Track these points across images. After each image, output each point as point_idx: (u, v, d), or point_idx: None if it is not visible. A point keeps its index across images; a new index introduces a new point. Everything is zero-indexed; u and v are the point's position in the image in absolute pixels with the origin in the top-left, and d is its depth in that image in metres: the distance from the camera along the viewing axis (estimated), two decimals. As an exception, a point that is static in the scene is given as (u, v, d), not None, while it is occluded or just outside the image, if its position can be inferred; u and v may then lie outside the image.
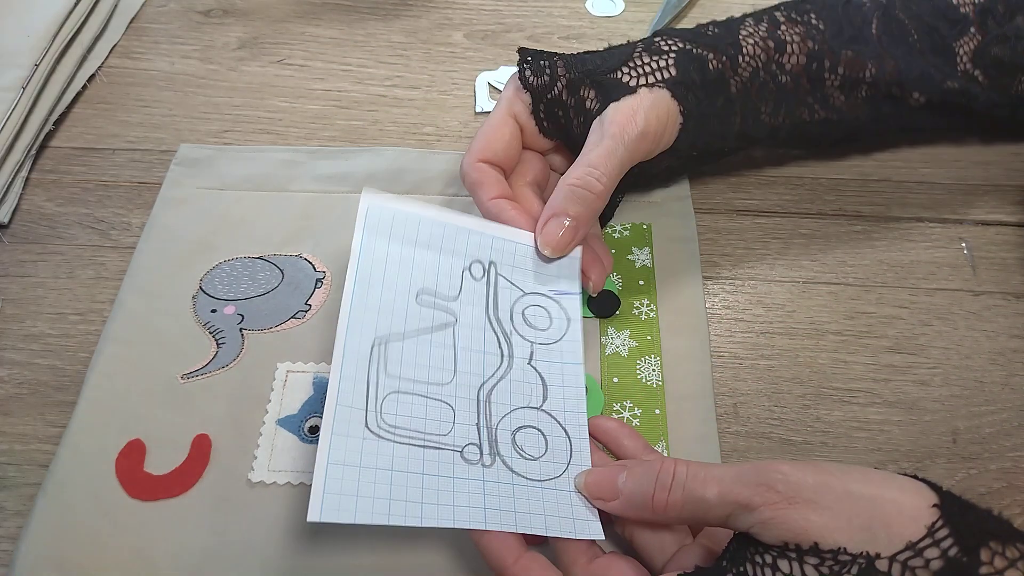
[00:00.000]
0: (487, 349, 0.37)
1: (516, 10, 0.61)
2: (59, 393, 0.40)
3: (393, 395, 0.34)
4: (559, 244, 0.38)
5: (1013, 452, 0.38)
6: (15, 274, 0.45)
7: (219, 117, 0.53)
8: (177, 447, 0.37)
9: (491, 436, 0.35)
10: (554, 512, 0.33)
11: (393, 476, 0.32)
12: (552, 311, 0.39)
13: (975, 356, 0.42)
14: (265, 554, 0.35)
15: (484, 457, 0.34)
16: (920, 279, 0.45)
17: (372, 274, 0.36)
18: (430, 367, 0.35)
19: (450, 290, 0.38)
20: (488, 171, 0.40)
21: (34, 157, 0.50)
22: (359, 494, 0.30)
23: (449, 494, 0.32)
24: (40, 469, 0.37)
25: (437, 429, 0.34)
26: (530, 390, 0.37)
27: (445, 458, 0.33)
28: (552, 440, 0.36)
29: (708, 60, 0.41)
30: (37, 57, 0.52)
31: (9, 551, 0.35)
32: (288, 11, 0.61)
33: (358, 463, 0.31)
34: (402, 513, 0.31)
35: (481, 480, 0.33)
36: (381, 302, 0.36)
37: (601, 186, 0.37)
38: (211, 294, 0.43)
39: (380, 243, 0.37)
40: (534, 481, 0.34)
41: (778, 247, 0.46)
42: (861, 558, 0.25)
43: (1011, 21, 0.45)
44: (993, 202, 0.48)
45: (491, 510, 0.32)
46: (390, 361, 0.35)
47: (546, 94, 0.41)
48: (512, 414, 0.36)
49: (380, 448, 0.32)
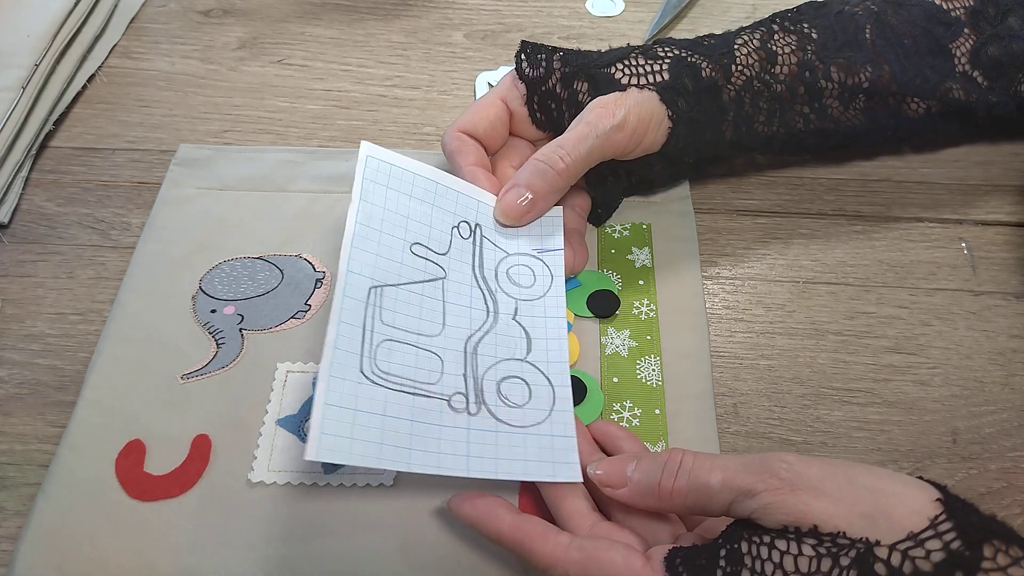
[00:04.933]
0: (473, 305, 0.39)
1: (516, 10, 0.61)
2: (59, 393, 0.40)
3: (387, 343, 0.35)
4: (512, 212, 0.40)
5: (1013, 452, 0.38)
6: (15, 274, 0.45)
7: (219, 117, 0.53)
8: (177, 447, 0.37)
9: (477, 386, 0.36)
10: (535, 457, 0.34)
11: (385, 421, 0.33)
12: (536, 269, 0.41)
13: (975, 356, 0.42)
14: (265, 554, 0.35)
15: (470, 406, 0.35)
16: (920, 279, 0.45)
17: (372, 219, 0.38)
18: (421, 318, 0.37)
19: (440, 245, 0.40)
20: (468, 140, 0.42)
21: (34, 157, 0.50)
22: (353, 437, 0.32)
23: (436, 441, 0.33)
24: (40, 469, 0.37)
25: (427, 378, 0.35)
26: (515, 343, 0.38)
27: (433, 406, 0.35)
28: (535, 389, 0.37)
29: (702, 68, 0.41)
30: (37, 57, 0.52)
31: (9, 551, 0.35)
32: (288, 11, 0.61)
33: (353, 406, 0.32)
34: (391, 458, 0.32)
35: (466, 428, 0.35)
36: (379, 248, 0.37)
37: (563, 165, 0.39)
38: (211, 294, 0.43)
39: (379, 190, 0.39)
40: (517, 428, 0.35)
41: (778, 247, 0.46)
42: (860, 543, 0.25)
43: (1003, 22, 0.45)
44: (993, 202, 0.48)
45: (474, 458, 0.34)
46: (384, 309, 0.36)
47: (541, 86, 0.42)
48: (497, 365, 0.37)
49: (373, 393, 0.33)
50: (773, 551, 0.27)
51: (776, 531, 0.27)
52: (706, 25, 0.60)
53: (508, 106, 0.43)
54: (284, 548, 0.35)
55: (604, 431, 0.37)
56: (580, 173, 0.40)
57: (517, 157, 0.44)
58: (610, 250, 0.45)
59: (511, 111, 0.43)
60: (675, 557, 0.29)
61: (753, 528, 0.28)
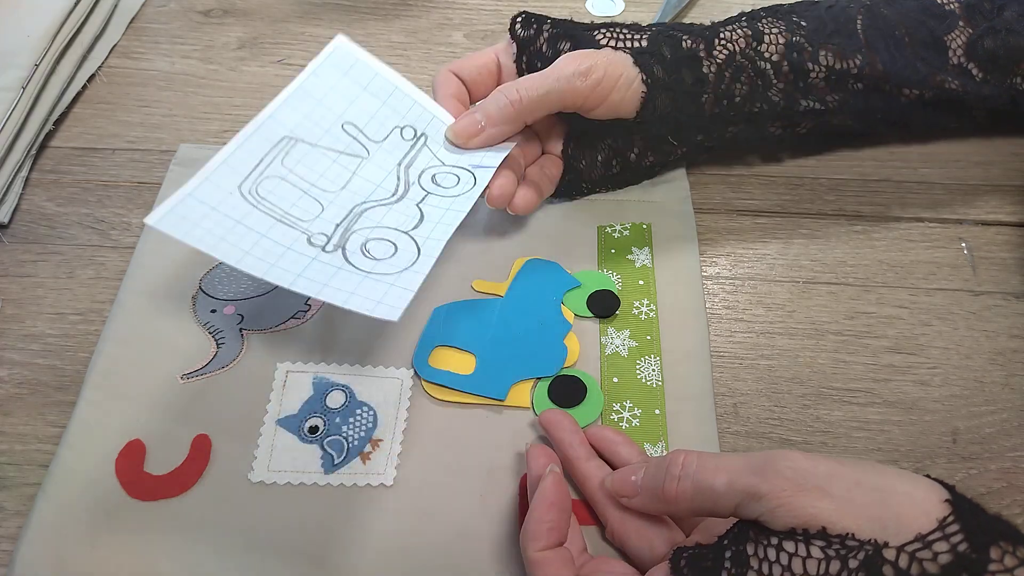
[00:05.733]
0: (383, 185, 0.41)
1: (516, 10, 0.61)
2: (59, 393, 0.40)
3: (277, 179, 0.38)
4: (462, 132, 0.42)
5: (1013, 452, 0.38)
6: (15, 274, 0.45)
7: (219, 117, 0.53)
8: (177, 447, 0.37)
9: (344, 235, 0.37)
10: (364, 293, 0.35)
11: (236, 227, 0.35)
12: (463, 177, 0.42)
13: (975, 356, 0.42)
14: (265, 554, 0.35)
15: (328, 245, 0.37)
16: (920, 279, 0.45)
17: (315, 90, 0.41)
18: (323, 175, 0.39)
19: (376, 135, 0.42)
20: (452, 77, 0.45)
21: (34, 157, 0.50)
22: (199, 224, 0.34)
23: (276, 257, 0.35)
24: (40, 469, 0.37)
25: (300, 214, 0.37)
26: (405, 220, 0.39)
27: (291, 234, 0.36)
28: (401, 252, 0.38)
29: (681, 39, 0.43)
30: (37, 57, 0.52)
31: (9, 551, 0.35)
32: (288, 11, 0.61)
33: (214, 206, 0.35)
34: (225, 252, 0.34)
35: (312, 259, 0.36)
36: (311, 113, 0.40)
37: (517, 96, 0.41)
38: (211, 294, 0.43)
39: (334, 74, 0.42)
40: (362, 272, 0.36)
41: (778, 247, 0.46)
42: (869, 545, 0.25)
43: (999, 15, 0.45)
44: (993, 202, 0.48)
45: (303, 278, 0.34)
46: (290, 156, 0.39)
47: (530, 46, 0.44)
48: (375, 228, 0.38)
49: (239, 206, 0.36)
50: (781, 553, 0.26)
51: (783, 533, 0.27)
52: (706, 25, 0.60)
53: (499, 59, 0.45)
54: (284, 548, 0.35)
55: (601, 436, 0.36)
56: (536, 112, 0.41)
57: None
58: (610, 250, 0.45)
59: (501, 64, 0.45)
60: (679, 558, 0.29)
61: (760, 529, 0.27)
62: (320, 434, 0.38)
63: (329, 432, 0.38)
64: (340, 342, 0.41)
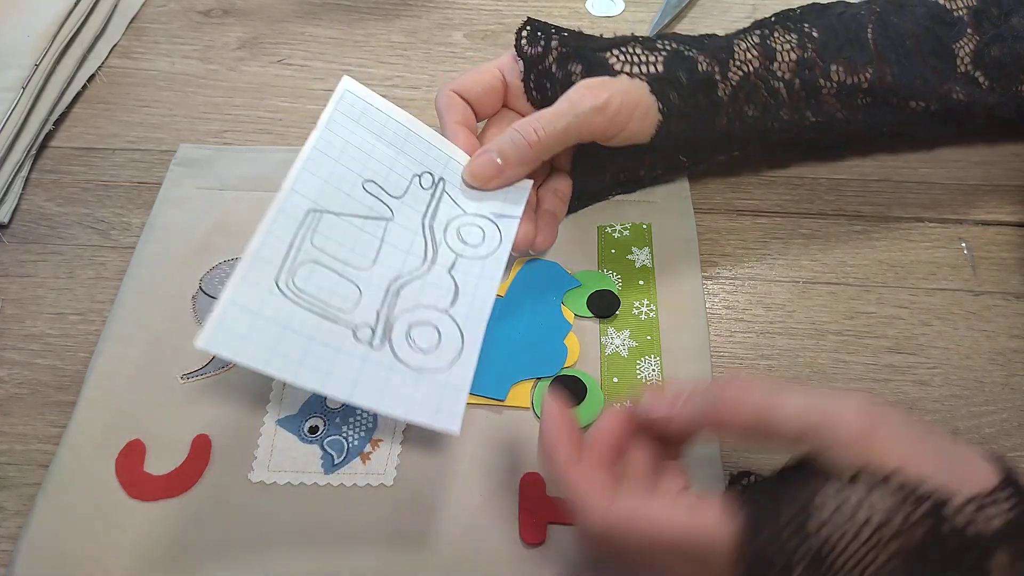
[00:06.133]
0: (412, 251, 0.39)
1: (516, 10, 0.61)
2: (59, 393, 0.40)
3: (310, 264, 0.35)
4: (480, 174, 0.41)
5: (1013, 452, 0.38)
6: (15, 274, 0.45)
7: (219, 117, 0.53)
8: (177, 447, 0.37)
9: (388, 324, 0.36)
10: (421, 400, 0.34)
11: (284, 333, 0.33)
12: (487, 231, 0.41)
13: (975, 356, 0.42)
14: (265, 554, 0.35)
15: (375, 340, 0.35)
16: (920, 279, 0.45)
17: (331, 147, 0.39)
18: (353, 250, 0.37)
19: (396, 189, 0.40)
20: (457, 100, 0.43)
21: (34, 157, 0.50)
22: (247, 338, 0.32)
23: (328, 363, 0.33)
24: (40, 469, 0.37)
25: (340, 304, 0.35)
26: (441, 294, 0.38)
27: (337, 331, 0.34)
28: (446, 339, 0.36)
29: (698, 62, 0.42)
30: (37, 57, 0.52)
31: (9, 551, 0.35)
32: (288, 11, 0.61)
33: (256, 311, 0.32)
34: (279, 366, 0.32)
35: (363, 359, 0.34)
36: (330, 175, 0.38)
37: (536, 137, 0.39)
38: (211, 294, 0.43)
39: (347, 124, 0.40)
40: (413, 369, 0.35)
41: (778, 247, 0.46)
42: (938, 493, 0.25)
43: (1006, 22, 0.45)
44: (993, 202, 0.48)
45: (360, 387, 0.33)
46: (318, 233, 0.36)
47: (538, 64, 0.43)
48: (415, 310, 0.37)
49: (281, 304, 0.33)
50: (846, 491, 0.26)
51: (850, 471, 0.26)
52: (706, 25, 0.60)
53: (504, 77, 0.44)
54: (284, 548, 0.35)
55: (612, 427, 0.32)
56: (554, 149, 0.40)
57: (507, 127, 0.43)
58: (610, 250, 0.45)
59: (507, 82, 0.44)
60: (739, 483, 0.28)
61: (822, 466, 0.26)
62: (320, 434, 0.38)
63: (329, 432, 0.38)
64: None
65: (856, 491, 0.26)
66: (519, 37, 0.43)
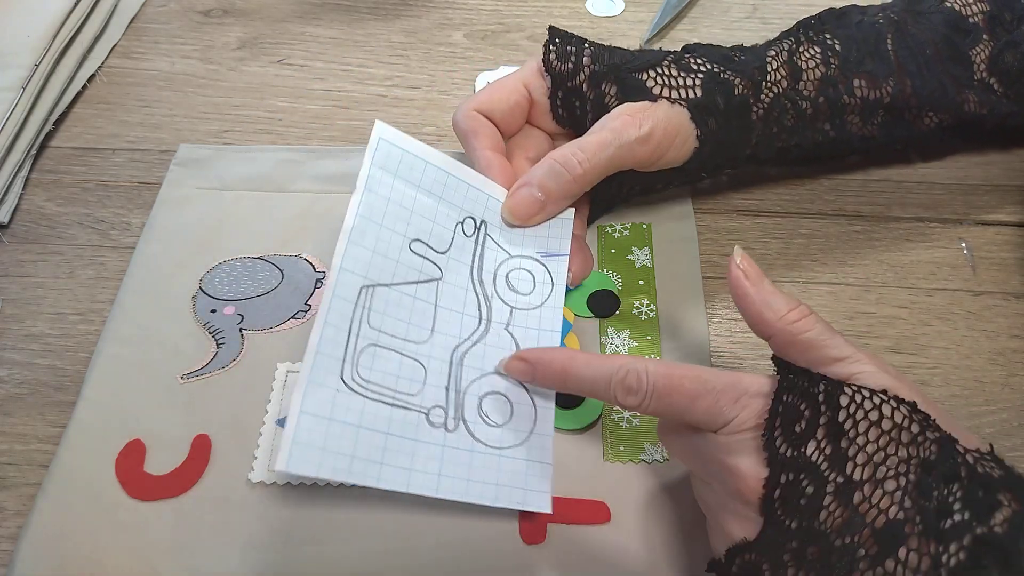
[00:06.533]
0: (466, 311, 0.37)
1: (516, 10, 0.61)
2: (59, 393, 0.40)
3: (371, 348, 0.34)
4: (521, 212, 0.39)
5: (1013, 452, 0.38)
6: (15, 274, 0.45)
7: (219, 117, 0.53)
8: (177, 447, 0.37)
9: (458, 400, 0.35)
10: (507, 482, 0.34)
11: (359, 433, 0.32)
12: (537, 275, 0.39)
13: (975, 356, 0.42)
14: (265, 554, 0.35)
15: (448, 421, 0.34)
16: (920, 279, 0.45)
17: (373, 212, 0.36)
18: (410, 323, 0.35)
19: (441, 243, 0.38)
20: (483, 122, 0.40)
21: (34, 157, 0.50)
22: (326, 447, 0.30)
23: (408, 457, 0.32)
24: (40, 469, 0.37)
25: (407, 388, 0.34)
26: (503, 356, 0.37)
27: (411, 419, 0.33)
28: (517, 408, 0.36)
29: (734, 86, 0.40)
30: (37, 57, 0.52)
31: (9, 551, 0.35)
32: (288, 11, 0.61)
33: (328, 415, 0.31)
34: (361, 472, 0.31)
35: (442, 446, 0.33)
36: (377, 243, 0.35)
37: (581, 170, 0.37)
38: (211, 294, 0.43)
39: (386, 180, 0.37)
40: (493, 448, 0.34)
41: (778, 247, 0.46)
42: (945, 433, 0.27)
43: (1019, 27, 0.45)
44: (993, 202, 0.48)
45: (445, 477, 0.33)
46: (373, 311, 0.34)
47: (567, 82, 0.41)
48: (482, 379, 0.36)
49: (351, 402, 0.32)
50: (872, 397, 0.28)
51: (876, 390, 0.28)
52: (706, 25, 0.60)
53: (531, 94, 0.41)
54: (284, 548, 0.35)
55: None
56: (596, 180, 0.39)
57: (534, 149, 0.42)
58: (610, 250, 0.45)
59: (532, 99, 0.42)
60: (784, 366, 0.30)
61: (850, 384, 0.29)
62: (320, 434, 0.38)
63: (329, 432, 0.38)
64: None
65: (881, 395, 0.28)
66: (547, 51, 0.41)
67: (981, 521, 0.25)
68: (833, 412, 0.28)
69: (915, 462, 0.27)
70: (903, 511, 0.26)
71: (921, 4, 0.46)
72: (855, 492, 0.27)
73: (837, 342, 0.30)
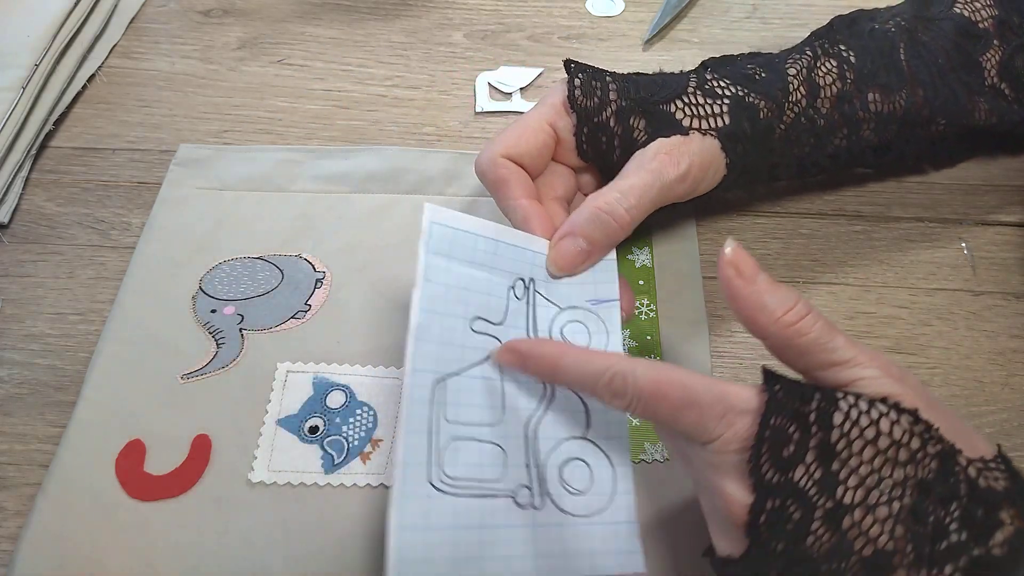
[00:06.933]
0: (531, 380, 0.36)
1: (516, 10, 0.61)
2: (59, 393, 0.40)
3: (453, 444, 0.32)
4: (567, 264, 0.37)
5: (1013, 452, 0.37)
6: (15, 274, 0.45)
7: (219, 117, 0.53)
8: (177, 447, 0.37)
9: (540, 474, 0.34)
10: (600, 549, 0.33)
11: (456, 534, 0.31)
12: (591, 325, 0.38)
13: (975, 356, 0.42)
14: (265, 554, 0.35)
15: (535, 499, 0.33)
16: (920, 279, 0.45)
17: (435, 303, 0.34)
18: (481, 407, 0.34)
19: (497, 315, 0.36)
20: (515, 169, 0.39)
21: (34, 157, 0.50)
22: (427, 559, 0.30)
23: (505, 545, 0.32)
24: (40, 469, 0.37)
25: (491, 475, 0.33)
26: (573, 418, 0.35)
27: (500, 505, 0.32)
28: (597, 471, 0.35)
29: (759, 109, 0.40)
30: (37, 57, 0.52)
31: (9, 551, 0.35)
32: (288, 11, 0.61)
33: (425, 525, 0.30)
34: (464, 574, 0.30)
35: (533, 526, 0.33)
36: (442, 335, 0.34)
37: (628, 217, 0.37)
38: (211, 294, 0.43)
39: (442, 265, 0.35)
40: (581, 518, 0.33)
41: (778, 247, 0.46)
42: (948, 444, 0.27)
43: None
44: (993, 202, 0.48)
45: (542, 557, 0.32)
46: (448, 404, 0.33)
47: (594, 117, 0.39)
48: (558, 448, 0.35)
49: (443, 506, 0.31)
50: (872, 408, 0.27)
51: (876, 398, 0.27)
52: (706, 25, 0.60)
53: (557, 133, 0.40)
54: (284, 548, 0.35)
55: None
56: (638, 223, 0.38)
57: (561, 187, 0.41)
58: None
59: (558, 139, 0.40)
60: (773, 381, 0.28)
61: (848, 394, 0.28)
62: (320, 434, 0.38)
63: (329, 432, 0.38)
64: (340, 342, 0.41)
65: (879, 408, 0.27)
66: (572, 88, 0.39)
67: (979, 542, 0.25)
68: (825, 433, 0.27)
69: (911, 483, 0.26)
70: (893, 540, 0.25)
71: (930, 10, 0.46)
72: (845, 517, 0.26)
73: (837, 344, 0.29)
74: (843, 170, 0.48)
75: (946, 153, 0.49)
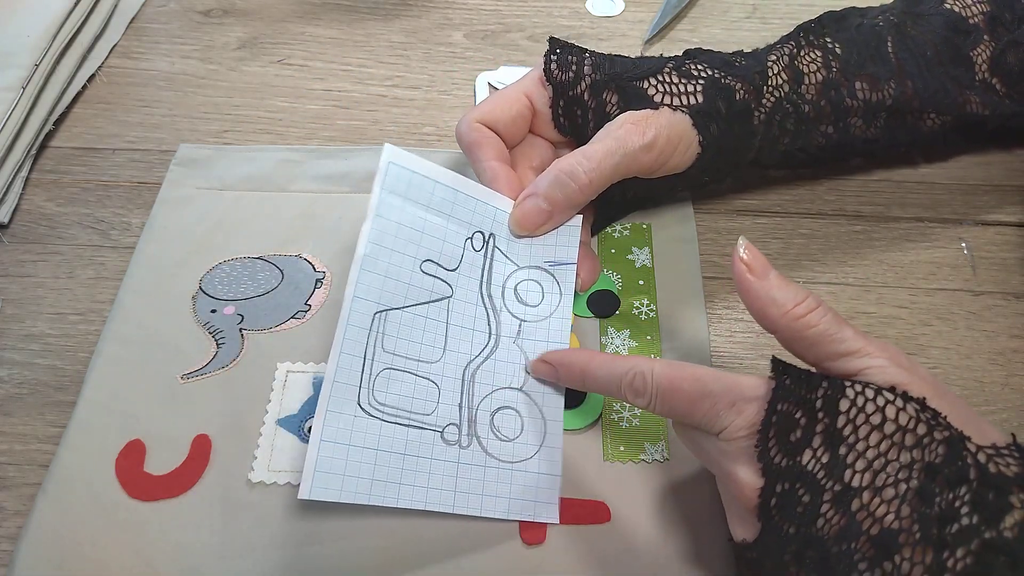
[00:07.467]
0: (476, 327, 0.38)
1: (516, 10, 0.61)
2: (59, 393, 0.40)
3: (386, 371, 0.35)
4: (528, 223, 0.39)
5: (1013, 452, 0.38)
6: (15, 274, 0.45)
7: (219, 117, 0.53)
8: (177, 447, 0.37)
9: (471, 416, 0.36)
10: (519, 495, 0.35)
11: (377, 456, 0.33)
12: (545, 285, 0.39)
13: (975, 356, 0.42)
14: (265, 554, 0.35)
15: (462, 438, 0.35)
16: (920, 279, 0.45)
17: (384, 238, 0.36)
18: (422, 344, 0.36)
19: (451, 261, 0.38)
20: (487, 133, 0.40)
21: (34, 157, 0.50)
22: (345, 473, 0.32)
23: (425, 476, 0.34)
24: (40, 469, 0.37)
25: (422, 408, 0.35)
26: (513, 370, 0.37)
27: (426, 438, 0.35)
28: (528, 422, 0.37)
29: (735, 90, 0.40)
30: (37, 57, 0.52)
31: (9, 551, 0.35)
32: (288, 11, 0.61)
33: (347, 441, 0.33)
34: (381, 494, 0.33)
35: (456, 462, 0.35)
36: (388, 268, 0.36)
37: (586, 179, 0.37)
38: (211, 294, 0.43)
39: (396, 203, 0.36)
40: (505, 463, 0.35)
41: (778, 247, 0.46)
42: (955, 431, 0.27)
43: (1020, 27, 0.45)
44: (993, 202, 0.48)
45: (460, 493, 0.34)
46: (387, 335, 0.35)
47: (569, 91, 0.41)
48: (493, 394, 0.37)
49: (368, 426, 0.33)
50: (878, 396, 0.27)
51: (884, 387, 0.28)
52: (706, 25, 0.60)
53: (533, 104, 0.42)
54: (284, 548, 0.35)
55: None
56: (601, 189, 0.38)
57: (537, 158, 0.42)
58: (610, 250, 0.45)
59: (535, 109, 0.42)
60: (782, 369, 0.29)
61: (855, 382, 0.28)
62: (320, 434, 0.38)
63: (329, 432, 0.38)
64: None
65: (886, 396, 0.27)
66: (548, 61, 0.41)
67: (990, 525, 0.25)
68: (831, 419, 0.27)
69: (918, 466, 0.26)
70: (899, 520, 0.26)
71: (920, 6, 0.46)
72: (853, 499, 0.27)
73: (846, 335, 0.30)
74: (835, 161, 0.48)
75: (939, 144, 0.48)
